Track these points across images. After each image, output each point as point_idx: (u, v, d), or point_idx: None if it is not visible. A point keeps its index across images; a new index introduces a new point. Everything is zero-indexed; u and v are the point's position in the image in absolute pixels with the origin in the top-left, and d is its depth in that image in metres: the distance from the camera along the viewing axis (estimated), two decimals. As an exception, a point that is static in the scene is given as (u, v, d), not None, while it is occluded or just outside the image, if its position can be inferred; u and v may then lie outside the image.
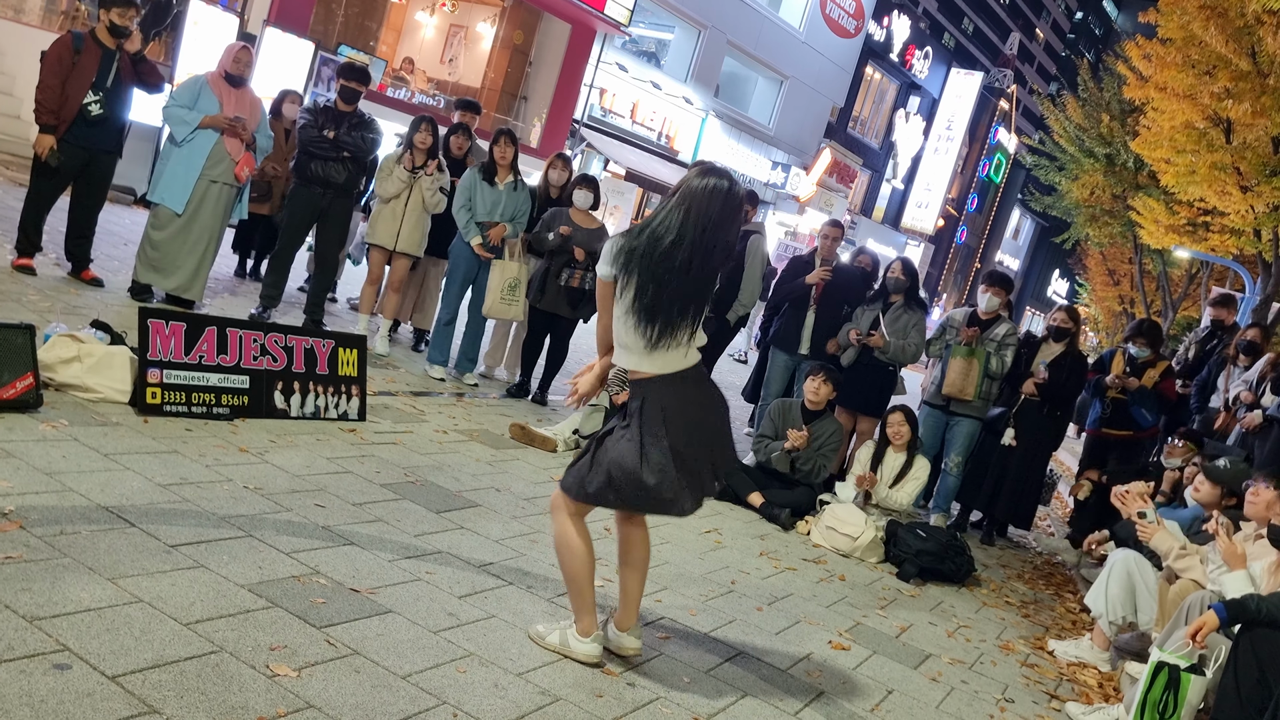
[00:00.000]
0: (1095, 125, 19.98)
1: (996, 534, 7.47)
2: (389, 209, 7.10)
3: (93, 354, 4.57)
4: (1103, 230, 21.82)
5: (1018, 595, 6.04)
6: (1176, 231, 15.65)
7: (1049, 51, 63.09)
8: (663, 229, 3.14)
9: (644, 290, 3.12)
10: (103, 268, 7.09)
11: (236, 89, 6.64)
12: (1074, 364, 7.13)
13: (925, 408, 7.24)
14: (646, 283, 3.11)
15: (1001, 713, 4.01)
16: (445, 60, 19.49)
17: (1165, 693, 3.44)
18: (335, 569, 3.49)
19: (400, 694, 2.79)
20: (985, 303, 7.09)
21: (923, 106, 36.62)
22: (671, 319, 3.14)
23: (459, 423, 6.11)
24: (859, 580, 5.37)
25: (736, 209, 3.21)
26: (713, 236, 3.14)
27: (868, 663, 4.13)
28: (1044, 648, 5.06)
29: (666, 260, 3.11)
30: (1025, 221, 53.46)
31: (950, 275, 44.55)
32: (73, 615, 2.69)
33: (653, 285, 3.11)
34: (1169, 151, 13.05)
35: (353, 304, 8.81)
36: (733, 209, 3.19)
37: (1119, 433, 7.58)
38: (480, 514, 4.55)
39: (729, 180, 3.19)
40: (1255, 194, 12.07)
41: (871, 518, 5.91)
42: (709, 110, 24.17)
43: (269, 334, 5.15)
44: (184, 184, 6.47)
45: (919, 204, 37.97)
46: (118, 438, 4.14)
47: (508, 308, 7.12)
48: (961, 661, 4.50)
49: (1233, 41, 11.15)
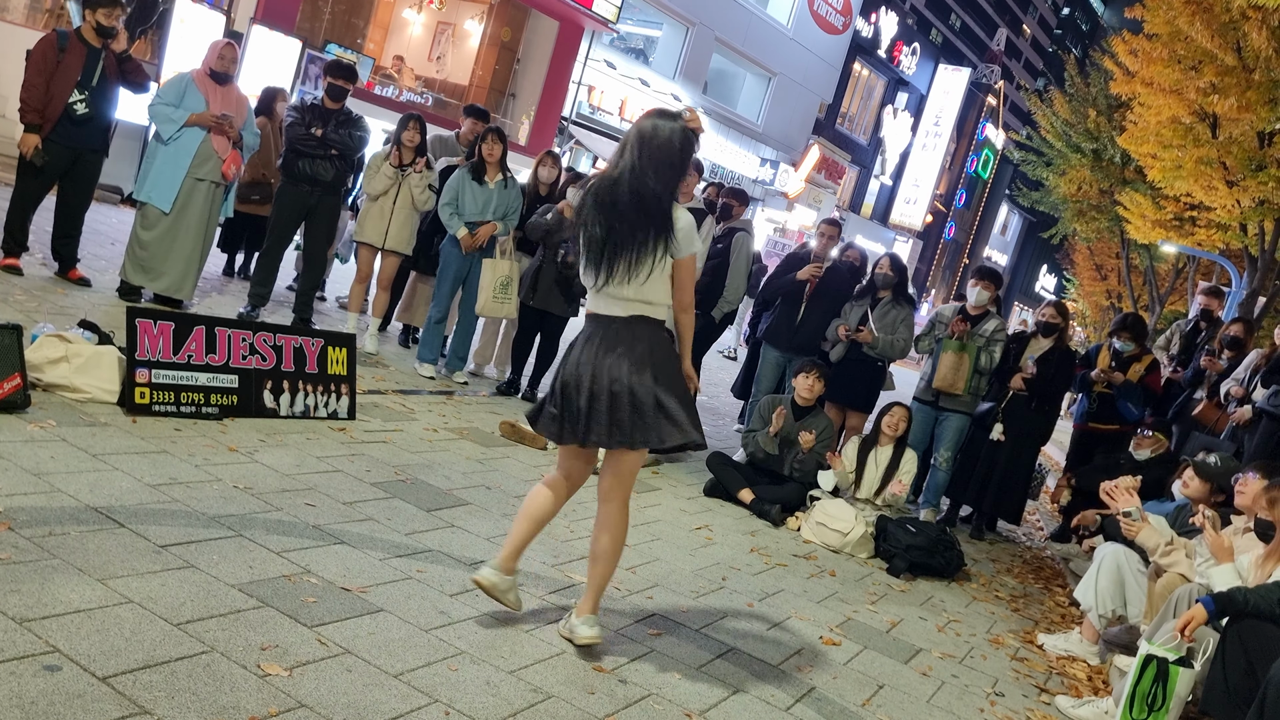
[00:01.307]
0: (1082, 121, 20.05)
1: (986, 528, 7.50)
2: (377, 207, 7.10)
3: (80, 354, 4.55)
4: (1090, 225, 21.90)
5: (1007, 589, 6.06)
6: (1163, 226, 15.71)
7: (1036, 47, 63.30)
8: (610, 169, 3.32)
9: (591, 232, 3.27)
10: (90, 267, 7.06)
11: (222, 86, 6.62)
12: (1062, 359, 7.16)
13: (915, 403, 7.26)
14: (594, 223, 3.27)
15: (991, 706, 4.03)
16: (433, 58, 19.45)
17: (1154, 685, 3.46)
18: (326, 568, 3.48)
19: (392, 692, 2.79)
20: (974, 297, 7.11)
21: (910, 102, 36.70)
22: (613, 262, 3.26)
23: (449, 421, 6.11)
24: (849, 575, 5.38)
25: (672, 151, 3.29)
26: (643, 175, 3.24)
27: (859, 658, 4.15)
28: (1033, 641, 5.08)
29: (610, 199, 3.26)
30: (1013, 217, 53.63)
31: (939, 271, 44.67)
32: (62, 616, 2.68)
33: (598, 227, 3.26)
34: (1155, 146, 13.10)
35: (341, 302, 8.79)
36: (668, 150, 3.28)
37: (1106, 426, 7.61)
38: (471, 512, 4.55)
39: (671, 121, 3.31)
40: (1241, 188, 12.13)
41: (862, 513, 5.93)
42: (697, 107, 24.17)
43: (258, 333, 5.13)
44: (171, 182, 6.44)
45: (907, 200, 38.06)
46: (106, 438, 4.12)
47: (500, 306, 7.11)
48: (952, 656, 4.52)
49: (1218, 36, 11.20)
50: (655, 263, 3.27)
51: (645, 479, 6.13)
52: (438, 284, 7.27)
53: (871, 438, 6.45)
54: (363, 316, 7.52)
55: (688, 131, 3.32)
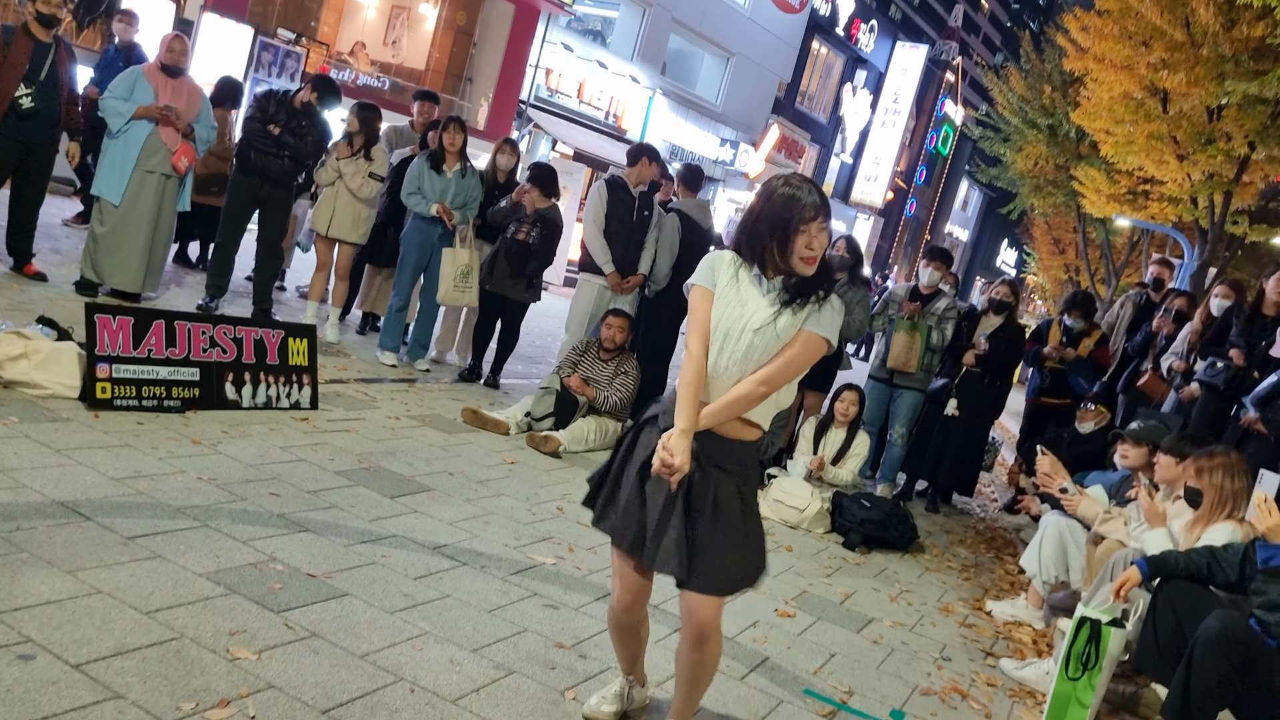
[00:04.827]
0: (1038, 97, 20.30)
1: (941, 501, 7.70)
2: (326, 196, 7.16)
3: (40, 350, 4.58)
4: (1047, 200, 22.21)
5: (959, 559, 6.25)
6: (1117, 200, 16.00)
7: (994, 23, 63.66)
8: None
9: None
10: (45, 262, 7.04)
11: (174, 79, 6.61)
12: (1012, 336, 7.37)
13: (870, 381, 7.42)
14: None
15: (939, 671, 4.20)
16: (388, 42, 19.32)
17: (1088, 645, 3.63)
18: (291, 555, 3.57)
19: (358, 672, 2.89)
20: (926, 277, 7.28)
21: (869, 80, 36.85)
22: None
23: (411, 408, 6.18)
24: (806, 550, 5.54)
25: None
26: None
27: (812, 628, 4.30)
28: (982, 608, 5.27)
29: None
30: (973, 193, 54.09)
31: (900, 248, 45.01)
32: (34, 608, 2.75)
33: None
34: (1108, 122, 13.35)
35: (302, 291, 8.80)
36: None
37: (1057, 401, 7.83)
38: (434, 498, 4.64)
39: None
40: (1191, 162, 12.42)
41: (818, 490, 6.09)
42: (656, 88, 24.18)
43: (218, 326, 5.18)
44: (120, 175, 6.44)
45: (868, 177, 38.28)
46: (69, 433, 4.17)
47: (461, 294, 7.18)
48: (902, 624, 4.68)
49: (1167, 13, 11.43)
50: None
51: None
52: (399, 273, 7.32)
53: (827, 419, 6.62)
54: (323, 305, 7.56)
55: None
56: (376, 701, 2.76)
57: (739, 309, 2.67)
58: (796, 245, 2.61)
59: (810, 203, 2.62)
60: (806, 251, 2.62)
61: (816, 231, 2.62)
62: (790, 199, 2.62)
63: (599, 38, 23.54)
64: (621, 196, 7.08)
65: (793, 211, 2.61)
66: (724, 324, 2.67)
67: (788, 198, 2.63)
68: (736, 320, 2.66)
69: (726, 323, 2.67)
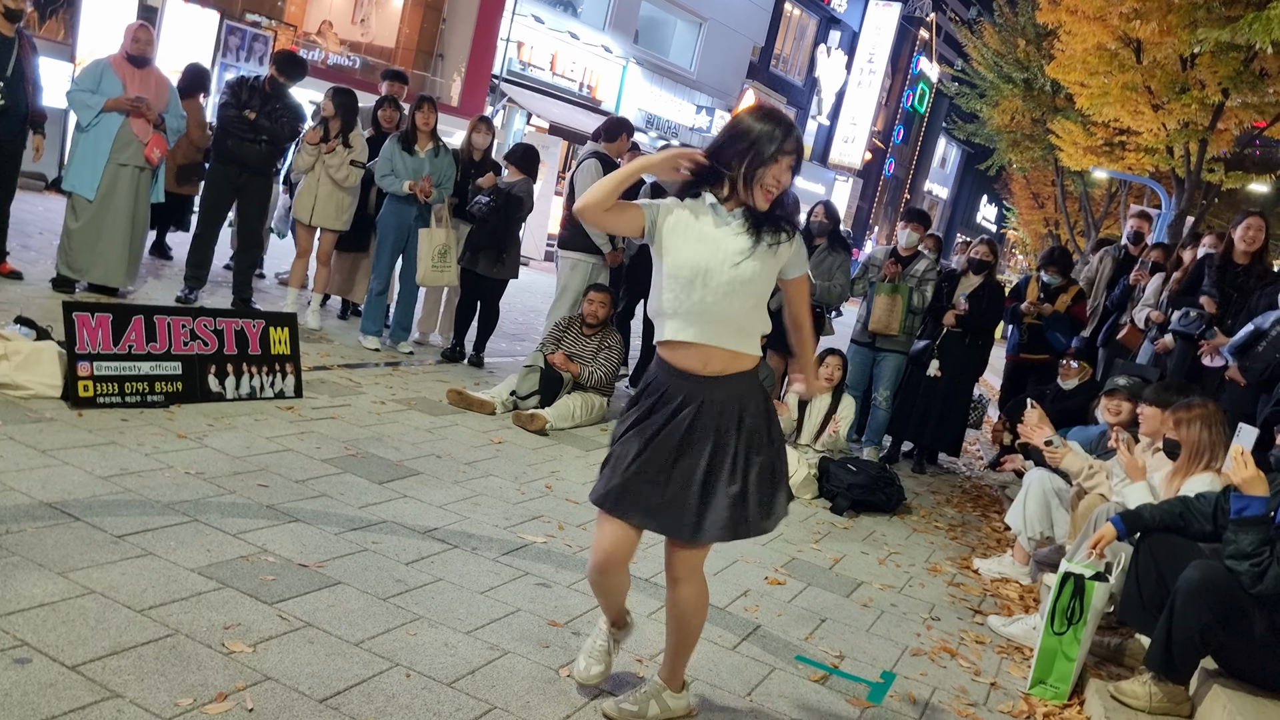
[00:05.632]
0: (1012, 51, 20.26)
1: (927, 462, 7.77)
2: (306, 183, 7.11)
3: (19, 351, 4.56)
4: (1024, 155, 22.21)
5: (946, 519, 6.32)
6: (1094, 152, 16.02)
7: (966, -23, 63.26)
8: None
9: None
10: (20, 259, 6.99)
11: (140, 69, 6.54)
12: (992, 294, 7.41)
13: (853, 345, 7.46)
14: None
15: (928, 630, 4.26)
16: (356, 20, 19.10)
17: (1072, 600, 3.70)
18: (282, 546, 3.59)
19: (354, 660, 2.92)
20: (905, 239, 7.30)
21: (844, 40, 36.68)
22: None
23: (396, 392, 6.19)
24: (794, 517, 5.59)
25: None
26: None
27: (803, 595, 4.35)
28: (970, 567, 5.34)
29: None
30: (952, 150, 54.02)
31: (880, 208, 45.01)
32: (27, 611, 2.77)
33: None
34: (1083, 74, 13.33)
35: (282, 279, 8.77)
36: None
37: (1036, 356, 7.89)
38: (422, 481, 4.66)
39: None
40: (1166, 112, 12.43)
41: (804, 457, 6.13)
42: (629, 57, 24.02)
43: (198, 318, 5.17)
44: (93, 170, 6.39)
45: (845, 139, 38.19)
46: (53, 433, 4.17)
47: (440, 275, 7.17)
48: (891, 586, 4.75)
49: (1138, -39, 11.39)
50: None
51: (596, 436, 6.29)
52: (377, 256, 7.30)
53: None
54: (303, 292, 7.53)
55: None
56: (373, 688, 2.80)
57: (710, 246, 2.70)
58: (765, 178, 2.66)
59: (791, 137, 2.66)
60: (772, 184, 2.68)
61: (786, 168, 2.68)
62: (768, 133, 2.66)
63: (570, 8, 23.31)
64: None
65: (770, 144, 2.65)
66: (694, 263, 2.69)
67: (766, 131, 2.66)
68: (712, 256, 2.69)
69: (696, 262, 2.69)
